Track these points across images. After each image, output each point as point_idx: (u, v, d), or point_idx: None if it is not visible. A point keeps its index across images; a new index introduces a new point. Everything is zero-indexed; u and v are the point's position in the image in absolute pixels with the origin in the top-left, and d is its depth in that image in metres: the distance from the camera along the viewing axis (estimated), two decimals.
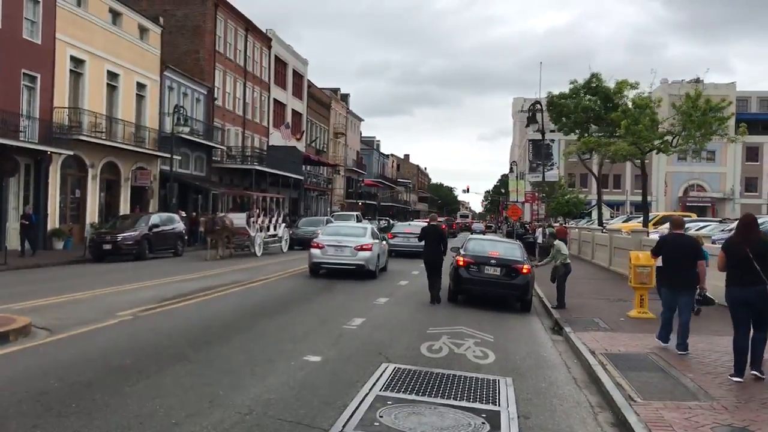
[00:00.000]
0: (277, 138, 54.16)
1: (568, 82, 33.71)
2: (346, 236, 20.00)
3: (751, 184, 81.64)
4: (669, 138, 25.93)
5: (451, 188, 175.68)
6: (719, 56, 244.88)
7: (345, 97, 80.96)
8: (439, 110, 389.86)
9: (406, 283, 19.13)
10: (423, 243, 15.76)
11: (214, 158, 44.48)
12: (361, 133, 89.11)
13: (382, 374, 8.04)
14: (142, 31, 36.20)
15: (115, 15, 33.61)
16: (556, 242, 15.53)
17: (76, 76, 30.90)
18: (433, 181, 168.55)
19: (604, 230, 30.24)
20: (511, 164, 63.07)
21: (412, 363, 8.84)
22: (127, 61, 34.30)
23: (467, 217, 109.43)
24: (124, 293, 14.70)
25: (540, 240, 37.76)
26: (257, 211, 30.10)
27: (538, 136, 32.84)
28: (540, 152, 37.03)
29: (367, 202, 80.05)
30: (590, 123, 33.54)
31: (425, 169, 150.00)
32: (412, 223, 38.47)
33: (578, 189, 50.42)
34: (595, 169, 35.51)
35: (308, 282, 18.63)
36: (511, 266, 14.46)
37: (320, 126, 68.09)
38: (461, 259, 14.75)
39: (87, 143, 30.15)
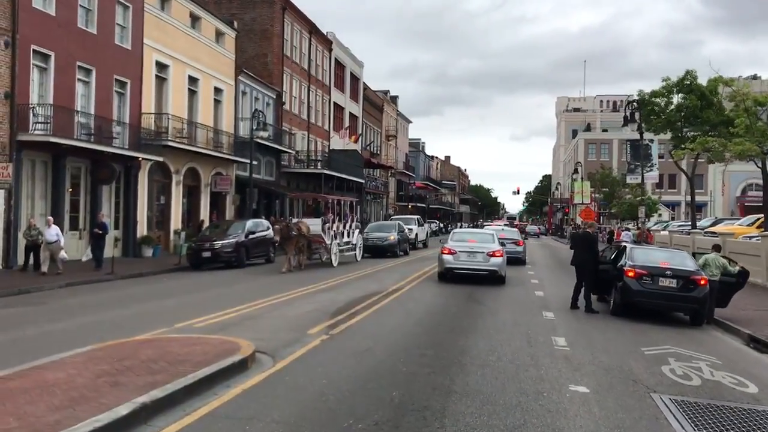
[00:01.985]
0: (337, 141, 53.66)
1: (661, 80, 32.53)
2: (478, 243, 20.21)
3: None
4: None
5: (489, 189, 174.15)
6: (759, 53, 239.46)
7: (394, 99, 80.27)
8: (470, 110, 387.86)
9: (542, 294, 18.22)
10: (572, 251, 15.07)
11: (282, 162, 44.01)
12: (408, 135, 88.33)
13: (666, 410, 7.21)
14: (218, 35, 35.84)
15: (195, 19, 33.25)
16: (709, 256, 14.58)
17: (160, 81, 30.56)
18: (471, 182, 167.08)
19: (705, 233, 28.96)
20: (576, 165, 61.58)
21: (679, 393, 7.98)
22: (205, 65, 33.95)
23: (514, 219, 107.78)
24: (280, 307, 14.02)
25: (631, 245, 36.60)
26: (332, 216, 27.35)
27: (635, 136, 31.58)
28: (638, 153, 35.68)
29: (417, 204, 79.18)
30: (683, 122, 32.29)
31: (465, 170, 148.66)
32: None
33: (646, 189, 48.66)
34: (686, 170, 34.12)
35: (444, 290, 17.86)
36: (689, 278, 13.50)
37: (374, 128, 67.47)
38: (632, 270, 13.82)
39: (172, 149, 29.76)
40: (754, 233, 26.98)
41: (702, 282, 13.48)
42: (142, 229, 29.04)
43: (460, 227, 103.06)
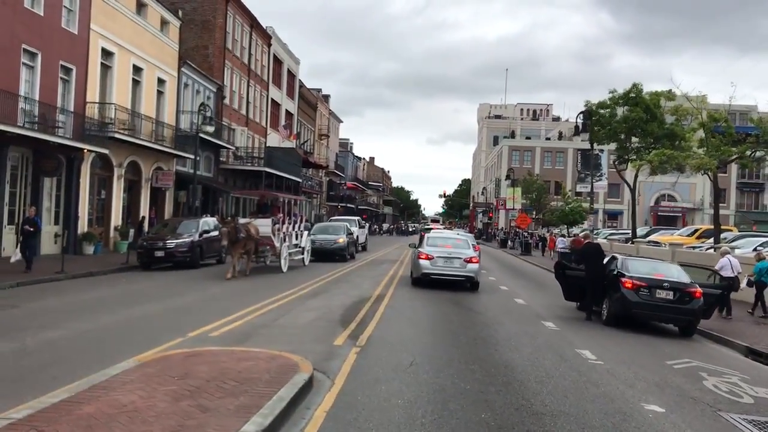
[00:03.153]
0: (274, 139, 52.55)
1: (608, 92, 33.55)
2: (454, 248, 20.00)
3: (718, 195, 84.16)
4: (748, 152, 26.02)
5: (409, 192, 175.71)
6: (662, 68, 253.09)
7: (326, 98, 79.53)
8: (390, 113, 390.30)
9: (523, 302, 18.28)
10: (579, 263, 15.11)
11: (220, 159, 42.64)
12: (339, 135, 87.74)
13: None
14: (163, 23, 34.28)
15: (141, 5, 31.63)
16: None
17: (104, 69, 28.88)
18: (393, 184, 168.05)
19: (648, 243, 30.04)
20: (508, 171, 62.68)
21: (744, 412, 8.06)
22: (149, 54, 32.38)
23: (438, 221, 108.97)
24: (281, 314, 13.34)
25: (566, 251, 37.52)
26: (281, 216, 24.76)
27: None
28: (589, 162, 36.61)
29: (347, 205, 78.75)
30: (627, 133, 33.43)
31: (388, 172, 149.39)
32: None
33: (581, 198, 50.27)
34: (629, 179, 35.35)
35: (427, 296, 17.53)
36: (685, 290, 13.82)
37: (308, 127, 66.56)
38: (629, 281, 14.02)
39: (116, 141, 28.14)
40: (698, 243, 28.23)
41: (697, 294, 13.81)
42: (82, 225, 27.36)
43: (391, 228, 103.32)
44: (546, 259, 40.39)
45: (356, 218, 45.45)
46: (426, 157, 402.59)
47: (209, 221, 26.34)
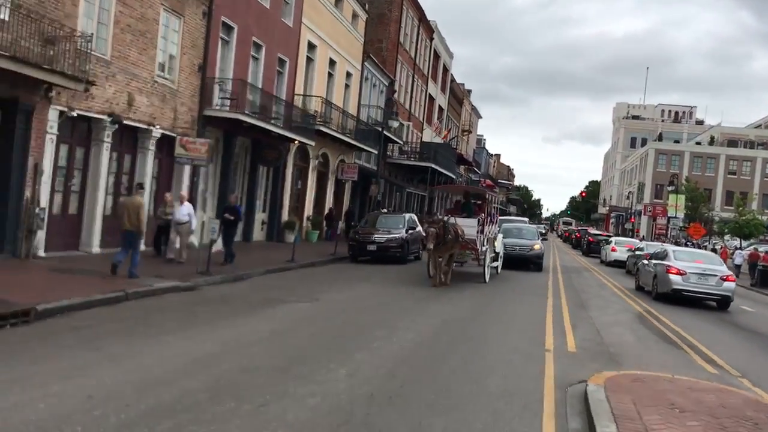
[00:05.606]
0: (427, 134, 52.39)
1: None
2: (707, 264, 18.68)
3: None
4: None
5: (530, 190, 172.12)
6: None
7: (469, 93, 78.72)
8: (504, 109, 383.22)
9: None
10: None
11: (387, 153, 42.79)
12: (477, 131, 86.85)
13: None
14: (353, 17, 34.63)
15: None
16: None
17: (308, 62, 29.43)
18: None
19: None
20: (671, 177, 59.67)
21: None
22: (342, 47, 32.78)
23: (570, 224, 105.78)
24: (588, 327, 12.81)
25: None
26: (484, 216, 21.37)
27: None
28: None
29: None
30: None
31: (512, 170, 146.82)
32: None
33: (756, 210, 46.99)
34: None
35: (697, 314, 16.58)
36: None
37: (454, 122, 66.09)
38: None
39: (318, 133, 28.60)
40: None
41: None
42: (285, 214, 28.06)
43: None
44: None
45: (524, 219, 43.85)
46: (542, 155, 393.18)
47: (413, 217, 26.34)
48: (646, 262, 21.18)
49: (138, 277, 13.12)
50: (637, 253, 28.48)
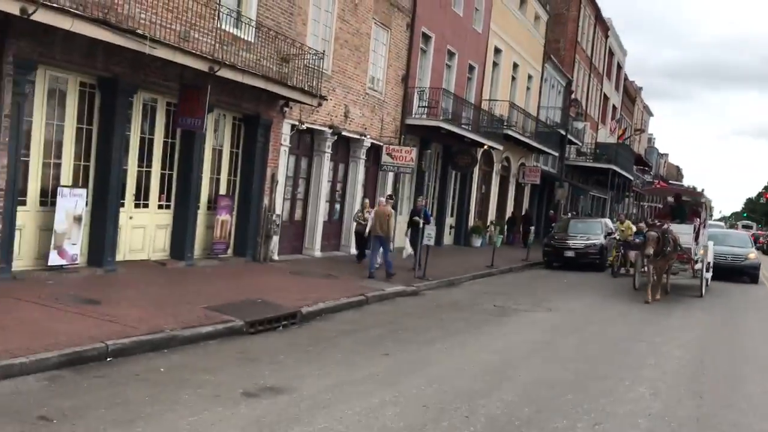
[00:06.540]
0: (602, 134, 50.51)
1: None
2: None
3: None
4: None
5: (702, 190, 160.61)
6: None
7: (640, 90, 74.96)
8: (664, 103, 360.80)
9: None
10: None
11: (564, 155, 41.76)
12: (648, 129, 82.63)
13: None
14: (536, 18, 34.14)
15: (522, 1, 31.67)
16: None
17: (493, 67, 29.39)
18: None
19: None
20: None
21: None
22: (524, 50, 32.43)
23: (750, 228, 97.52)
24: None
25: None
26: (700, 222, 18.90)
27: None
28: None
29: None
30: None
31: (681, 169, 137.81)
32: None
33: None
34: None
35: None
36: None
37: (627, 121, 63.24)
38: None
39: (498, 137, 28.40)
40: None
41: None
42: (470, 219, 28.23)
43: None
44: None
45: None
46: (710, 153, 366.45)
47: (609, 222, 25.57)
48: None
49: (395, 274, 14.96)
50: None
